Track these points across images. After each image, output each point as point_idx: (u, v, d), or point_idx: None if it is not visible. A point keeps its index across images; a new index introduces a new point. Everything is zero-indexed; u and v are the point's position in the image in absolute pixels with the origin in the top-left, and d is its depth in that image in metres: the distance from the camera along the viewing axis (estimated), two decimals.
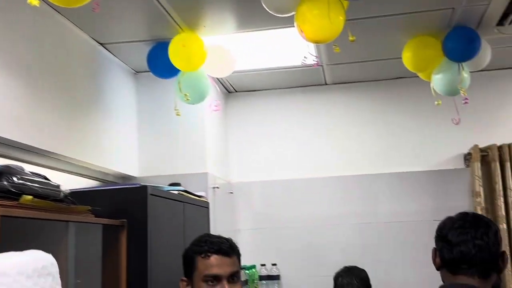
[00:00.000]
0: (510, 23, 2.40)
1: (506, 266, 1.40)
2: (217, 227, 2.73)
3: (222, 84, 3.29)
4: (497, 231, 1.41)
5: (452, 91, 2.55)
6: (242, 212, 3.33)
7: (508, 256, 1.79)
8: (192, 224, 2.45)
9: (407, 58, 2.56)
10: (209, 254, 1.42)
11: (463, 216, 1.45)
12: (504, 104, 3.16)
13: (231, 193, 3.33)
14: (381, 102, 3.32)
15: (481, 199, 2.96)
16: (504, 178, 2.97)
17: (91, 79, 2.46)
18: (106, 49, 2.59)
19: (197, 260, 1.43)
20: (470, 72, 2.54)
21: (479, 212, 2.94)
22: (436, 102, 2.57)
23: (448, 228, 1.43)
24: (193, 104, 2.54)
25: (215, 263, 1.41)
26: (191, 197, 2.49)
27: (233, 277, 1.44)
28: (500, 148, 3.00)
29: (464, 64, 2.48)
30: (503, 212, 2.91)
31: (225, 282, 1.40)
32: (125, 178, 2.80)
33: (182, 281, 1.48)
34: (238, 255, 1.51)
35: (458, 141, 3.14)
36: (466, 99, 2.52)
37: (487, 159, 3.02)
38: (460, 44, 2.43)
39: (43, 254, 0.85)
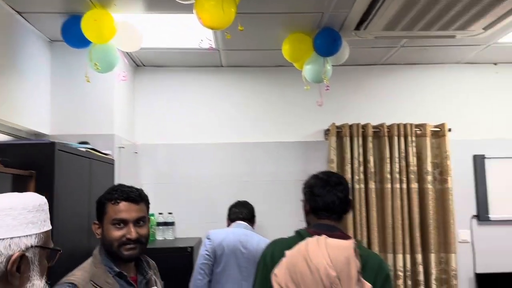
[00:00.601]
0: (364, 29, 2.55)
1: (350, 209, 1.62)
2: (121, 182, 2.67)
3: (131, 58, 3.17)
4: (348, 187, 1.60)
5: (318, 79, 2.70)
6: (145, 170, 3.28)
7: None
8: (98, 179, 2.37)
9: (285, 50, 2.66)
10: (118, 201, 1.38)
11: (327, 173, 1.61)
12: (356, 92, 3.43)
13: (136, 153, 3.26)
14: (265, 84, 3.43)
15: (334, 165, 3.22)
16: (352, 149, 3.24)
17: (7, 45, 2.26)
18: (23, 17, 2.38)
19: (108, 206, 1.39)
20: (333, 65, 2.72)
21: None
22: (305, 87, 2.73)
23: (315, 184, 1.58)
24: (103, 73, 2.42)
25: (123, 209, 1.37)
26: (97, 154, 2.40)
27: (139, 221, 1.40)
28: (351, 126, 3.26)
29: (328, 58, 2.64)
30: (349, 175, 3.20)
31: (131, 225, 1.37)
32: (37, 135, 2.62)
33: (94, 224, 1.43)
34: (146, 203, 1.46)
35: (320, 119, 3.35)
36: (328, 86, 2.71)
37: (341, 134, 3.26)
38: (326, 42, 2.56)
39: (38, 195, 0.96)
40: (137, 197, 1.42)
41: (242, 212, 2.66)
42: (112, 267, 1.35)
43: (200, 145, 3.34)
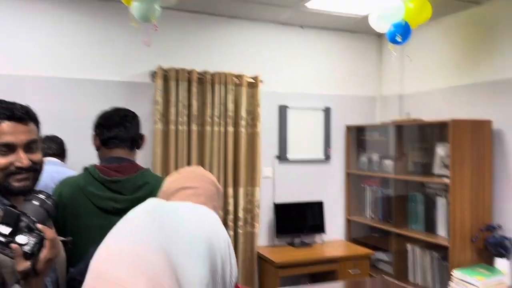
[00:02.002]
0: None
1: (144, 144, 1.73)
2: None
3: None
4: (138, 120, 1.69)
5: (145, 18, 2.70)
6: None
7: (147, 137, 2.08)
8: None
9: None
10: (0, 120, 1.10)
11: (115, 108, 1.68)
12: (183, 37, 3.56)
13: None
14: (89, 17, 3.25)
15: (160, 107, 3.35)
16: (177, 93, 3.42)
17: None
18: None
19: None
20: (162, 7, 2.77)
21: (158, 117, 3.35)
22: (132, 24, 2.71)
23: (105, 117, 1.64)
24: None
25: (7, 130, 1.10)
26: None
27: (31, 145, 1.15)
28: (177, 71, 3.41)
29: None
30: (174, 117, 3.38)
31: (20, 151, 1.12)
32: None
33: None
34: (36, 122, 1.20)
35: (147, 60, 3.39)
36: (156, 26, 2.76)
37: (167, 77, 3.39)
38: None
39: None
40: (24, 115, 1.15)
41: (51, 147, 2.48)
42: (1, 200, 1.13)
43: (17, 76, 3.02)
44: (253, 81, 3.68)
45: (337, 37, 4.13)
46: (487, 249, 2.99)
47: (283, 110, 3.90)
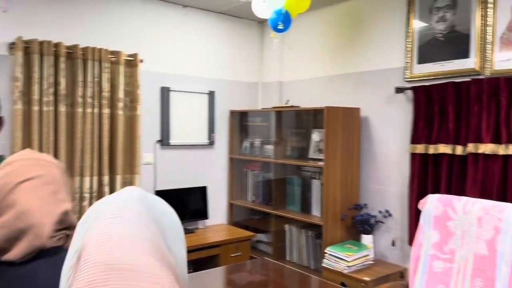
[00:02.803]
0: None
1: (2, 127, 1.48)
2: None
3: None
4: None
5: None
6: None
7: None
8: None
9: None
10: None
11: None
12: (49, 6, 3.15)
13: None
14: None
15: (20, 83, 2.92)
16: (41, 69, 3.00)
17: None
18: None
19: None
20: None
21: (18, 95, 2.92)
22: None
23: None
24: None
25: None
26: None
27: None
28: (41, 43, 2.99)
29: None
30: (37, 96, 2.98)
31: None
32: None
33: None
34: None
35: (6, 28, 2.93)
36: None
37: (29, 51, 2.95)
38: None
39: None
40: None
41: None
42: None
43: None
44: (131, 59, 3.42)
45: (220, 20, 4.07)
46: (355, 227, 3.27)
47: (165, 92, 3.73)
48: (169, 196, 3.71)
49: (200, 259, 3.52)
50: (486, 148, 2.56)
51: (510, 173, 2.48)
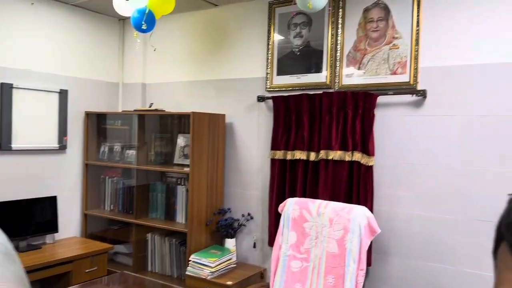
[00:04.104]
0: None
1: None
2: None
3: None
4: None
5: None
6: None
7: None
8: None
9: None
10: None
11: None
12: None
13: None
14: None
15: None
16: None
17: None
18: None
19: None
20: None
21: None
22: None
23: None
24: None
25: None
26: None
27: None
28: None
29: None
30: None
31: None
32: None
33: None
34: None
35: None
36: None
37: None
38: None
39: None
40: None
41: None
42: None
43: None
44: None
45: (76, 14, 3.70)
46: (219, 231, 3.30)
47: (6, 89, 3.22)
48: (10, 208, 3.21)
49: (48, 278, 3.12)
50: (335, 154, 2.84)
51: (355, 177, 2.78)
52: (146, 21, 2.88)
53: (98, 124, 3.88)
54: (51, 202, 3.48)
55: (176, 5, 2.87)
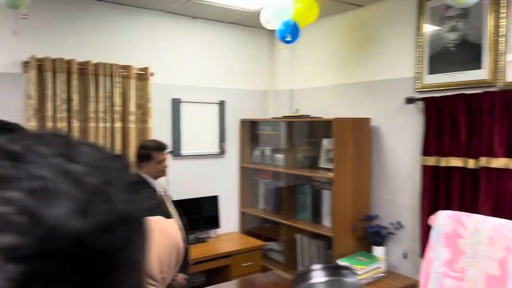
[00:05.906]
0: None
1: None
2: None
3: None
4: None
5: (13, 5, 2.38)
6: None
7: None
8: None
9: None
10: None
11: None
12: (62, 24, 3.18)
13: None
14: None
15: (34, 101, 2.97)
16: (54, 86, 3.05)
17: None
18: None
19: None
20: None
21: (31, 112, 2.97)
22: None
23: None
24: None
25: None
26: None
27: None
28: (54, 61, 3.03)
29: None
30: (51, 113, 3.03)
31: None
32: None
33: None
34: None
35: (17, 49, 2.97)
36: (25, 15, 2.42)
37: (42, 69, 3.00)
38: None
39: None
40: None
41: None
42: None
43: None
44: (142, 72, 3.45)
45: (229, 30, 4.06)
46: (366, 238, 3.24)
47: (176, 104, 3.75)
48: (183, 206, 3.73)
49: (211, 269, 3.54)
50: (499, 162, 2.50)
51: None
52: (291, 33, 3.00)
53: (251, 130, 4.20)
54: (214, 200, 3.92)
55: (319, 12, 2.91)
